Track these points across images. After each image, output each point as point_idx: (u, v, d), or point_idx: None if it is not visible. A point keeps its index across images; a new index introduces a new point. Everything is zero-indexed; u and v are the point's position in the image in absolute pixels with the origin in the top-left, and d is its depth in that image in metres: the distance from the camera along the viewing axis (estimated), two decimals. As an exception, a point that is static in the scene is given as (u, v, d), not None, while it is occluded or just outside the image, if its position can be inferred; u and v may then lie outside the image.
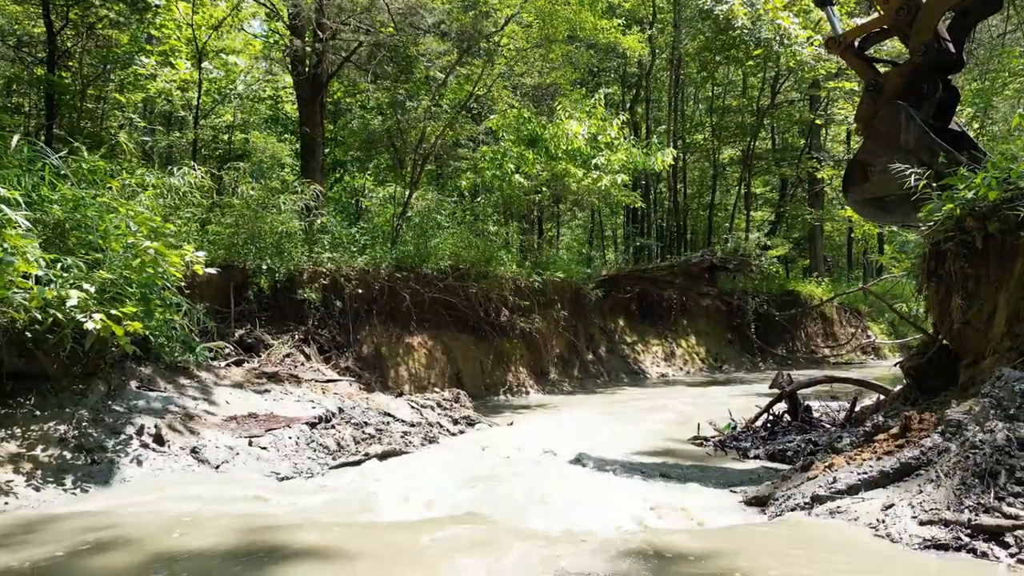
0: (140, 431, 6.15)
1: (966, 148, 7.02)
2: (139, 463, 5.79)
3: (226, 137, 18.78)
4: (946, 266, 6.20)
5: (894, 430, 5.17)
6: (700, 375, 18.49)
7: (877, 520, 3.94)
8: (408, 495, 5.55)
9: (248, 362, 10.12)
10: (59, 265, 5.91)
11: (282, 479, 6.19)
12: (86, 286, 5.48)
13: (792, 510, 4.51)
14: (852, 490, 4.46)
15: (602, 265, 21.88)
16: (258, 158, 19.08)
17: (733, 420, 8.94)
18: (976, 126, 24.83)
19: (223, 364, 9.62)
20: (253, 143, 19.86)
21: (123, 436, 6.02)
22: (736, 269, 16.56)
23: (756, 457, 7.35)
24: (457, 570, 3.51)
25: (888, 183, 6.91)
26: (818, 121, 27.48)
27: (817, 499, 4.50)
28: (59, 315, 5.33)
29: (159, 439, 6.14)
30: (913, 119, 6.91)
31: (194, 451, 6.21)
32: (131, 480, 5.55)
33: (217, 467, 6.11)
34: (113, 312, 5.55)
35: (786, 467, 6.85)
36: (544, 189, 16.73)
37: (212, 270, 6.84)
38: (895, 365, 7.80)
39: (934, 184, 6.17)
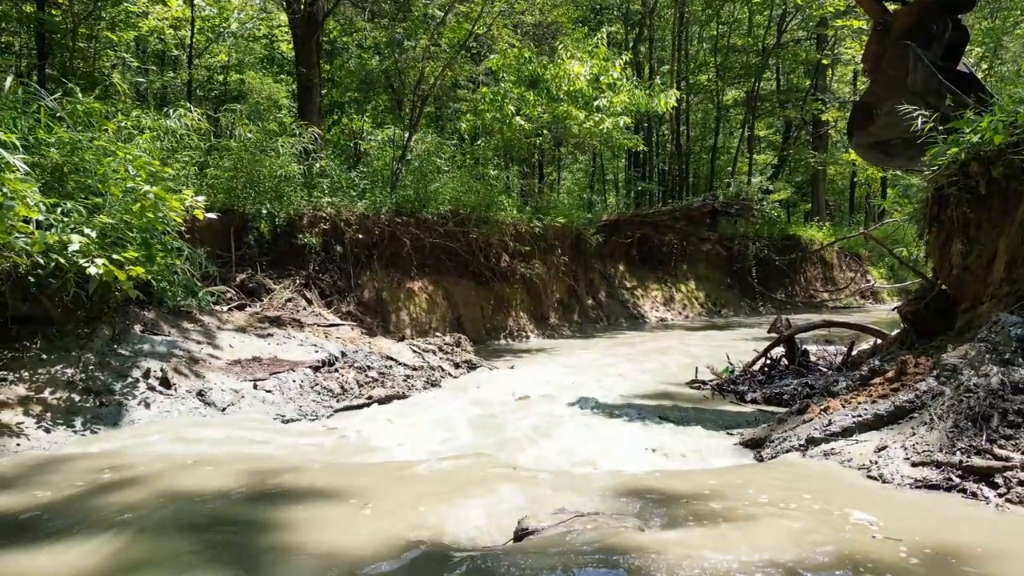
0: (146, 374, 6.24)
1: (974, 90, 6.91)
2: (147, 405, 5.89)
3: (221, 78, 18.44)
4: (948, 211, 6.18)
5: (890, 374, 5.25)
6: (699, 320, 18.62)
7: (870, 461, 4.04)
8: (411, 437, 5.67)
9: (250, 306, 10.19)
10: (59, 210, 5.89)
11: (287, 421, 6.31)
12: (87, 231, 5.47)
13: (787, 452, 4.61)
14: (847, 432, 4.56)
15: (603, 210, 21.79)
16: (254, 99, 18.77)
17: (731, 364, 9.05)
18: (984, 67, 24.35)
19: (226, 308, 9.68)
20: (249, 84, 19.51)
21: (130, 379, 6.11)
22: (738, 213, 16.53)
23: (753, 401, 7.47)
24: (459, 508, 3.61)
25: (893, 126, 6.83)
26: (824, 61, 26.97)
27: (812, 441, 4.61)
28: (61, 260, 5.34)
29: (165, 382, 6.23)
30: (921, 60, 6.79)
31: (200, 394, 6.32)
32: (140, 422, 5.66)
33: (223, 410, 6.22)
34: (115, 257, 5.54)
35: (782, 410, 6.97)
36: (545, 132, 16.52)
37: (212, 215, 6.83)
38: (893, 309, 7.86)
39: (940, 128, 6.10)
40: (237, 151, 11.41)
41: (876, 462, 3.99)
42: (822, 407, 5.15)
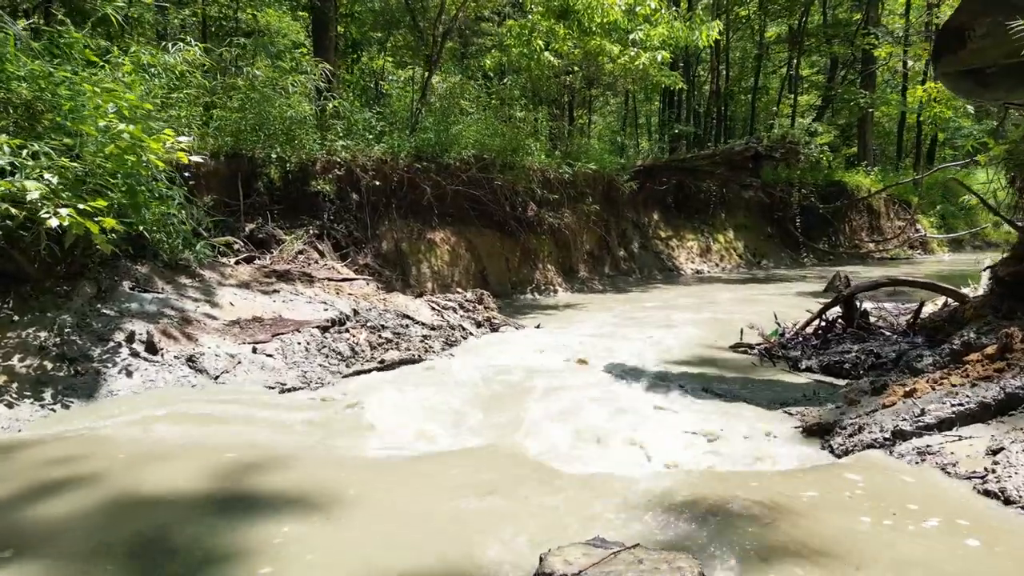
0: (130, 338, 5.61)
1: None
2: (128, 374, 5.27)
3: (232, 12, 17.46)
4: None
5: (989, 350, 4.38)
6: (737, 272, 17.63)
7: (984, 469, 3.23)
8: (421, 413, 4.98)
9: (260, 259, 9.56)
10: (24, 152, 5.19)
11: (286, 391, 5.66)
12: (48, 176, 4.75)
13: (868, 447, 3.81)
14: (944, 425, 3.74)
15: (636, 155, 20.62)
16: (271, 38, 17.82)
17: (779, 325, 8.20)
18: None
19: (233, 261, 9.05)
20: (266, 21, 18.55)
21: (111, 344, 5.48)
22: (783, 158, 15.34)
23: (808, 369, 6.64)
24: (468, 528, 2.91)
25: (990, 50, 5.76)
26: (878, -9, 25.02)
27: (900, 434, 3.79)
28: (13, 210, 4.65)
29: (151, 347, 5.60)
30: None
31: (191, 360, 5.68)
32: (118, 394, 5.04)
33: (216, 378, 5.59)
34: (82, 206, 4.83)
35: (843, 382, 6.16)
36: (576, 69, 15.37)
37: (197, 158, 6.05)
38: (984, 269, 6.88)
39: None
40: (245, 90, 10.60)
41: (992, 471, 3.18)
42: (906, 389, 4.31)
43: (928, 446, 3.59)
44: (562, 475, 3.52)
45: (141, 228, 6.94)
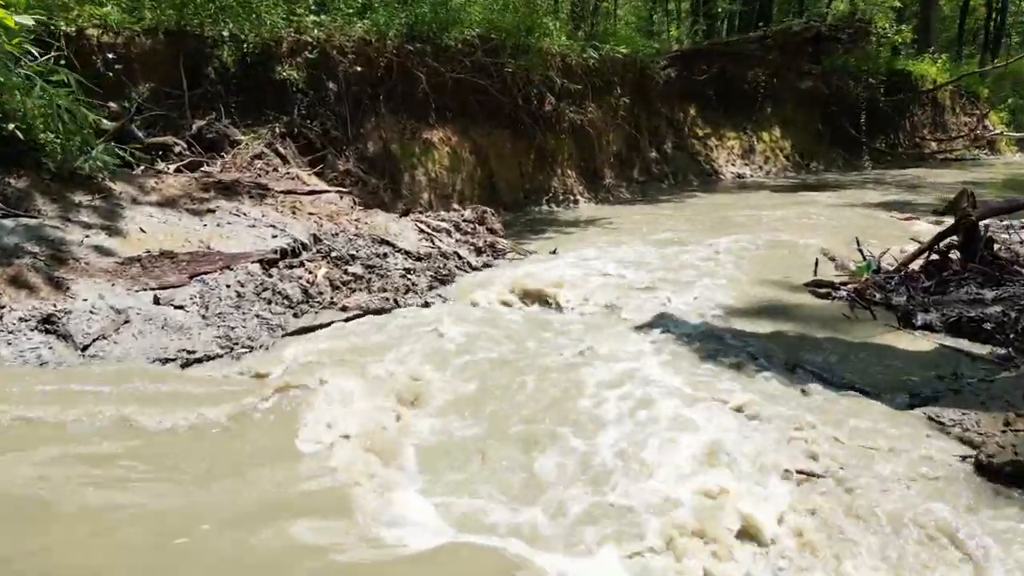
0: (-44, 292, 3.87)
1: None
2: (-59, 350, 3.56)
3: None
4: None
5: None
6: (784, 176, 15.42)
7: None
8: (372, 427, 3.25)
9: (209, 164, 7.70)
10: None
11: (191, 363, 3.97)
12: None
13: None
14: None
15: (668, 41, 17.96)
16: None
17: (868, 255, 6.27)
18: None
19: (172, 168, 7.22)
20: None
21: (-76, 302, 3.75)
22: (851, 40, 12.82)
23: (926, 326, 4.79)
24: None
25: None
26: None
27: None
28: None
29: (-13, 305, 3.86)
30: None
31: (48, 322, 3.93)
32: (-86, 383, 3.34)
33: (84, 348, 3.86)
34: None
35: (986, 350, 4.35)
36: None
37: (26, 20, 4.06)
38: None
39: None
40: (186, -53, 8.38)
41: None
42: None
43: None
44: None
45: (11, 126, 5.12)
